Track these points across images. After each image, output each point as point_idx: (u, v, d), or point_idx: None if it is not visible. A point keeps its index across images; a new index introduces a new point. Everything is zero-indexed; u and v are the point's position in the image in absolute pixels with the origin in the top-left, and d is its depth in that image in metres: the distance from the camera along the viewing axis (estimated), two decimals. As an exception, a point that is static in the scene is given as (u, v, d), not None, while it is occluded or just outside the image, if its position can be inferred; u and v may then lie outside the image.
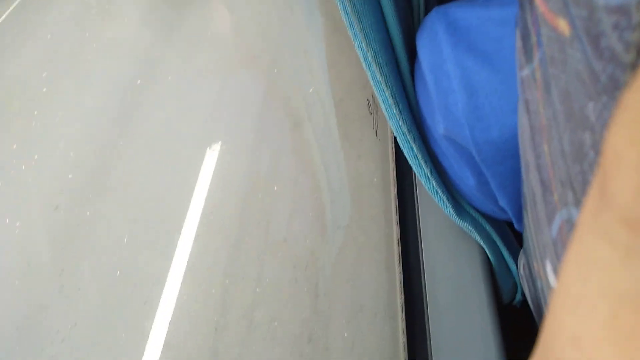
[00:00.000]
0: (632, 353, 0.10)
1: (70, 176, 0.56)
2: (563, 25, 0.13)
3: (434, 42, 0.29)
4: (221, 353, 0.40)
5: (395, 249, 0.36)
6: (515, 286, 0.39)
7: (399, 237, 0.37)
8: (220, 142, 0.52)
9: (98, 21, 0.61)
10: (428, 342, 0.31)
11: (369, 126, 0.45)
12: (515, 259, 0.38)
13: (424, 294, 0.35)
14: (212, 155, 0.51)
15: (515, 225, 0.33)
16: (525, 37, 0.18)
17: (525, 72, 0.18)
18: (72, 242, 0.51)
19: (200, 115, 0.56)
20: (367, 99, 0.45)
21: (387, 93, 0.30)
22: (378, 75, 0.29)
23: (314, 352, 0.38)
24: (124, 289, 0.47)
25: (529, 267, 0.28)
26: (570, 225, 0.16)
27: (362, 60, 0.29)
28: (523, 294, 0.39)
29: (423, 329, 0.32)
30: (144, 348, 0.42)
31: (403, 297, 0.36)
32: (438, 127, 0.31)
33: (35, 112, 0.61)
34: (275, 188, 0.47)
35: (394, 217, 0.37)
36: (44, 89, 0.64)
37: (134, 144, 0.53)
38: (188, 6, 0.59)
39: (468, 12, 0.27)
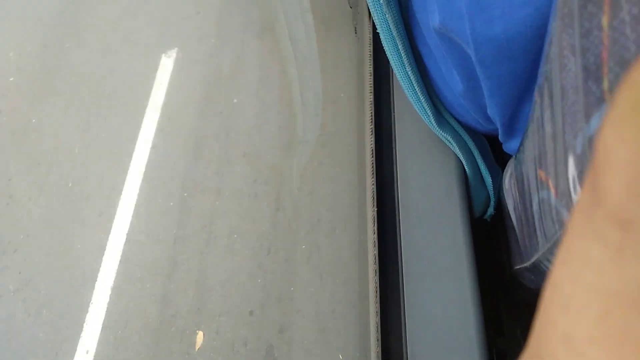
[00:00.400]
0: (623, 351, 0.10)
1: (11, 79, 0.51)
2: None
3: None
4: (180, 264, 0.40)
5: (369, 159, 0.36)
6: (488, 200, 0.39)
7: (374, 147, 0.36)
8: (176, 48, 0.49)
9: None
10: (399, 253, 0.31)
11: (348, 22, 0.42)
12: (492, 172, 0.38)
13: (397, 206, 0.34)
14: (167, 62, 0.48)
15: (501, 136, 0.32)
16: None
17: None
18: (18, 150, 0.48)
19: (154, 16, 0.52)
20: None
21: None
22: None
23: (272, 263, 0.39)
24: (77, 201, 0.45)
25: (522, 177, 0.27)
26: None
27: None
28: (496, 208, 0.39)
29: (395, 240, 0.32)
30: (101, 260, 0.42)
31: (375, 209, 0.35)
32: (432, 19, 0.28)
33: (-33, 6, 0.55)
34: (235, 100, 0.45)
35: (369, 126, 0.36)
36: (-26, -21, 0.57)
37: (81, 46, 0.49)
38: None
39: None
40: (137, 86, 0.50)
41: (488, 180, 0.38)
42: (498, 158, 0.40)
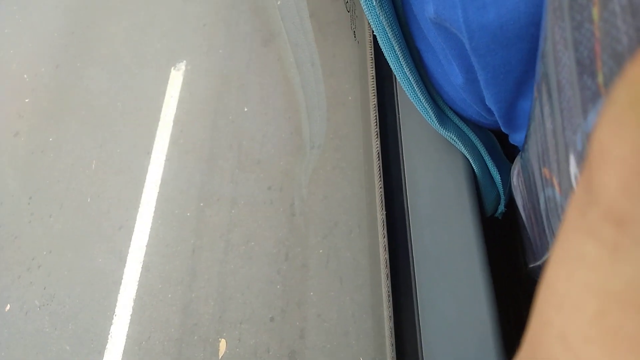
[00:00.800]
0: (619, 350, 0.10)
1: (27, 100, 0.52)
2: None
3: None
4: (200, 273, 0.41)
5: (375, 162, 0.36)
6: (498, 197, 0.39)
7: (380, 150, 0.36)
8: (185, 61, 0.49)
9: None
10: (411, 257, 0.31)
11: (347, 27, 0.42)
12: (500, 169, 0.37)
13: (406, 209, 0.34)
14: (177, 75, 0.49)
15: (503, 128, 0.32)
16: None
17: None
18: (37, 169, 0.49)
19: (162, 30, 0.52)
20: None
21: None
22: None
23: (291, 268, 0.39)
24: (96, 215, 0.46)
25: (528, 174, 0.27)
26: None
27: None
28: (506, 205, 0.39)
29: (405, 243, 0.32)
30: (123, 272, 0.43)
31: (384, 213, 0.36)
32: (427, 10, 0.28)
33: (-19, 30, 0.56)
34: (245, 109, 0.46)
35: (374, 129, 0.36)
36: (-14, 4, 0.58)
37: (93, 64, 0.50)
38: None
39: None
40: (149, 100, 0.50)
41: (497, 177, 0.37)
42: (508, 153, 0.39)
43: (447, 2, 0.25)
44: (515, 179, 0.32)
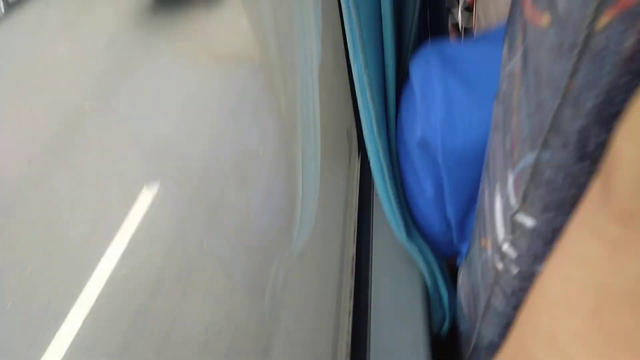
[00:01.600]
0: (611, 345, 0.10)
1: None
2: (544, 19, 0.22)
3: (426, 64, 0.35)
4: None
5: (349, 264, 0.39)
6: (444, 317, 0.43)
7: (355, 254, 0.40)
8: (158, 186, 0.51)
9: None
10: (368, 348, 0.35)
11: (345, 153, 0.49)
12: (448, 290, 0.43)
13: (369, 319, 0.37)
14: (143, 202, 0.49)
15: (455, 238, 0.39)
16: (512, 40, 0.26)
17: (508, 67, 0.23)
18: None
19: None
20: (347, 128, 0.50)
21: (373, 116, 0.37)
22: (369, 99, 0.35)
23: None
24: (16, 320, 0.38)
25: (469, 264, 0.32)
26: (525, 171, 0.19)
27: (357, 85, 0.35)
28: (450, 324, 0.43)
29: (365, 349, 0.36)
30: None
31: (351, 320, 0.37)
32: (415, 133, 0.36)
33: None
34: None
35: (352, 236, 0.40)
36: None
37: (68, 169, 0.49)
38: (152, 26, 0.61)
39: (457, 46, 0.36)
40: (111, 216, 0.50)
41: (445, 297, 0.44)
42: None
43: (431, 129, 0.36)
44: (460, 279, 0.38)
